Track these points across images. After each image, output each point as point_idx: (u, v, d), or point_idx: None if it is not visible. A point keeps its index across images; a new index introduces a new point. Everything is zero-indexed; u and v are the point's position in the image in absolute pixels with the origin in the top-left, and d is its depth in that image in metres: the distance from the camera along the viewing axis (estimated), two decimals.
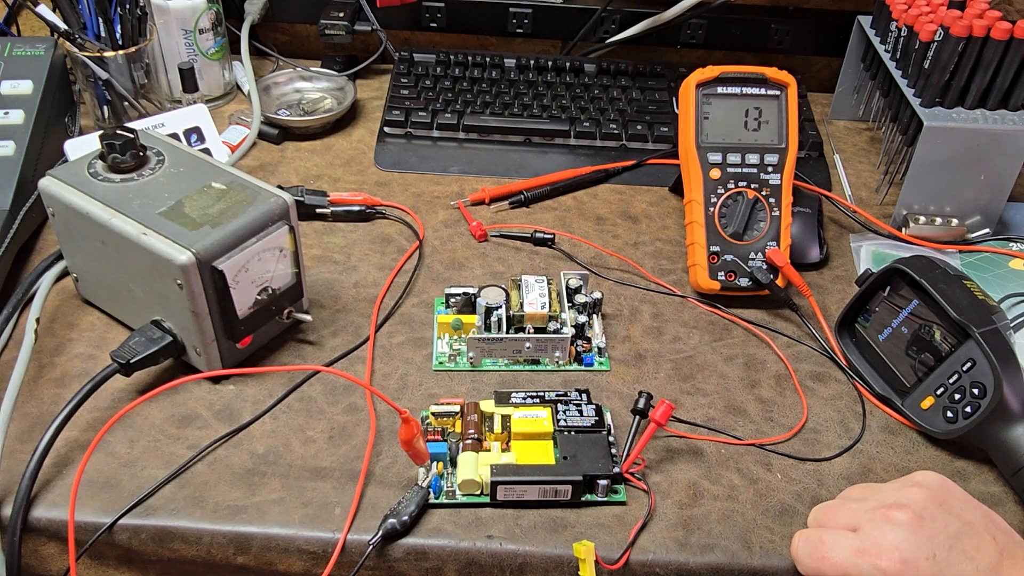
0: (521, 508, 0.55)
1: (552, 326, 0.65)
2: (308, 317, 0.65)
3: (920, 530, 0.47)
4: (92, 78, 0.83)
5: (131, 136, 0.62)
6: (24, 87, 0.77)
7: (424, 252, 0.76)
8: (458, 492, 0.55)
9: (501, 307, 0.65)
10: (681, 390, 0.64)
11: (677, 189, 0.84)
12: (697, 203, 0.72)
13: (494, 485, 0.54)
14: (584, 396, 0.60)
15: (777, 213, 0.72)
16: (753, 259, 0.71)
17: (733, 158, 0.72)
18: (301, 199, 0.77)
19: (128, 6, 0.81)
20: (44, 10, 0.79)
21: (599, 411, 0.59)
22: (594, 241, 0.78)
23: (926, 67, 0.76)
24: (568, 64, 0.96)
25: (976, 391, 0.58)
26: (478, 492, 0.55)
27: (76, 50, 0.81)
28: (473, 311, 0.67)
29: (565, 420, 0.58)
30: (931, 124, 0.74)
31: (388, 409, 0.61)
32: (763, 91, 0.73)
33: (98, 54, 0.81)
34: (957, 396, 0.59)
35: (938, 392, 0.60)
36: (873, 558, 0.47)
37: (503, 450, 0.57)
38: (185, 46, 0.89)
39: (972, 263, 0.77)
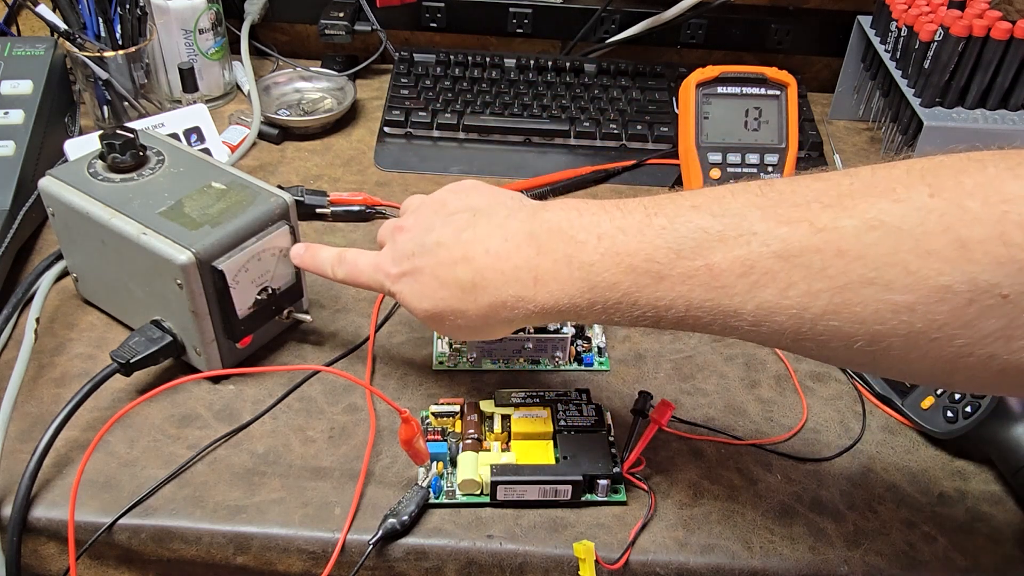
0: (521, 508, 0.55)
1: (552, 326, 0.65)
2: (308, 317, 0.65)
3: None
4: (92, 78, 0.83)
5: (131, 136, 0.62)
6: (24, 87, 0.77)
7: None
8: (458, 492, 0.55)
9: None
10: (681, 390, 0.64)
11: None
12: None
13: (494, 485, 0.54)
14: (584, 396, 0.60)
15: None
16: None
17: (733, 158, 0.72)
18: (301, 199, 0.77)
19: (128, 6, 0.81)
20: (44, 10, 0.79)
21: (599, 411, 0.59)
22: None
23: (926, 67, 0.76)
24: (568, 64, 0.96)
25: None
26: (478, 492, 0.55)
27: (76, 50, 0.81)
28: None
29: (565, 420, 0.58)
30: (931, 124, 0.74)
31: (388, 409, 0.61)
32: (763, 91, 0.73)
33: (98, 54, 0.81)
34: (957, 396, 0.59)
35: (938, 392, 0.60)
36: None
37: (503, 450, 0.57)
38: (185, 46, 0.89)
39: None
